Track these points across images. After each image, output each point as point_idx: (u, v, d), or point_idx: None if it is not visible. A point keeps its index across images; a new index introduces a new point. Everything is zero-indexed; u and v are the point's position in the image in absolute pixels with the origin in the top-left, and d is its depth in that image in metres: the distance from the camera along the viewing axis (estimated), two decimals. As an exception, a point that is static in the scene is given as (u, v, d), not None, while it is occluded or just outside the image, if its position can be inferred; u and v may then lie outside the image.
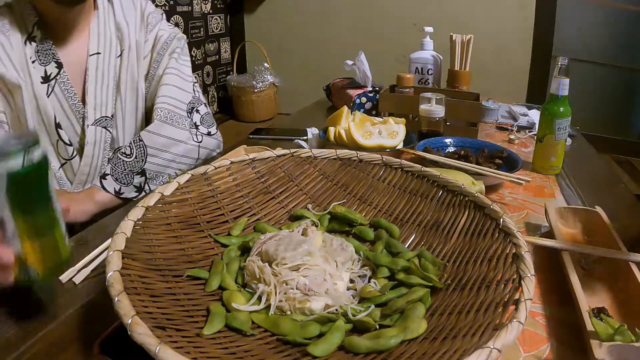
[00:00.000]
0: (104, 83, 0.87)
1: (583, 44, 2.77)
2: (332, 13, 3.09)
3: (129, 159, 0.84)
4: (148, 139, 0.85)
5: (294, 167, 0.66)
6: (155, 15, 0.94)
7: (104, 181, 0.82)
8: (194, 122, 0.92)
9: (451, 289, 0.47)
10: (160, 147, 0.86)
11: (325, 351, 0.40)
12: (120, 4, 0.89)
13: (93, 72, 0.85)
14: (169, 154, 0.87)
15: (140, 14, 0.92)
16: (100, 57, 0.86)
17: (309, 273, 0.47)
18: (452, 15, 2.74)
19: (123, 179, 0.83)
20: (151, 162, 0.85)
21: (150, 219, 0.50)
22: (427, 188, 0.61)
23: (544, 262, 0.60)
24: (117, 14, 0.88)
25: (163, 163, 0.87)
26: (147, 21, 0.92)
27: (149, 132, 0.86)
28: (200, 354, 0.37)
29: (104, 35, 0.86)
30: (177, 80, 0.92)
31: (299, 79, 3.21)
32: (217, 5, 3.23)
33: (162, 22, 0.94)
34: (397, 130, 0.92)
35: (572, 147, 1.10)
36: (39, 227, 0.41)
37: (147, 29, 0.92)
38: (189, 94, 0.93)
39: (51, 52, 0.81)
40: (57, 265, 0.43)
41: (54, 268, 0.43)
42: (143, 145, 0.85)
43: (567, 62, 0.85)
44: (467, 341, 0.37)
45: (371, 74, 1.30)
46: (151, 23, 0.92)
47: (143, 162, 0.84)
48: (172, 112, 0.89)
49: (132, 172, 0.83)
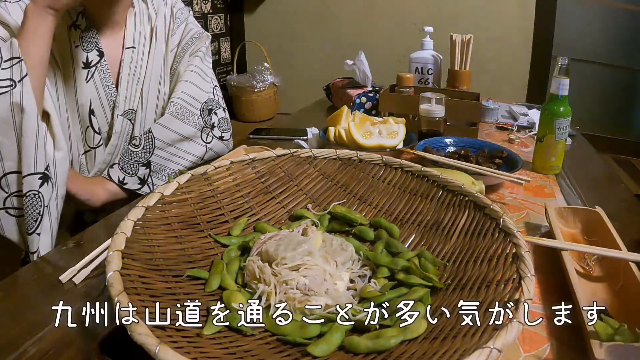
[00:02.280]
0: (135, 76, 0.90)
1: (583, 44, 2.77)
2: (332, 13, 3.09)
3: (137, 149, 0.86)
4: (157, 132, 0.87)
5: (294, 167, 0.66)
6: (184, 11, 0.97)
7: (111, 170, 0.84)
8: (211, 122, 0.94)
9: (451, 289, 0.47)
10: (168, 141, 0.88)
11: (325, 351, 0.40)
12: (152, 1, 0.94)
13: (127, 65, 0.88)
14: (174, 149, 0.89)
15: (170, 9, 0.95)
16: (134, 51, 0.90)
17: (309, 273, 0.47)
18: (452, 15, 2.74)
19: (128, 168, 0.84)
20: (157, 154, 0.87)
21: (150, 219, 0.50)
22: (427, 188, 0.61)
23: (544, 262, 0.60)
24: (150, 11, 0.93)
25: (168, 157, 0.88)
26: (175, 16, 0.95)
27: (159, 125, 0.87)
28: (200, 354, 0.37)
29: (139, 31, 0.90)
30: (197, 78, 0.94)
31: (299, 79, 3.21)
32: (217, 5, 3.23)
33: (189, 17, 0.98)
34: (397, 130, 0.92)
35: (572, 147, 1.10)
36: None
37: (175, 24, 0.95)
38: (206, 93, 0.94)
39: (94, 40, 0.84)
40: None
41: None
42: (152, 137, 0.87)
43: (567, 62, 0.85)
44: (467, 341, 0.37)
45: (371, 74, 1.30)
46: (179, 18, 0.96)
47: (150, 154, 0.86)
48: (184, 108, 0.90)
49: (137, 162, 0.85)
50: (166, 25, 0.94)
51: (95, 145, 0.87)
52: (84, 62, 0.84)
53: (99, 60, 0.85)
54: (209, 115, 0.93)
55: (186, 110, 0.90)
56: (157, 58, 0.92)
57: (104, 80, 0.86)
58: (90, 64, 0.84)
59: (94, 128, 0.86)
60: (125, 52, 0.88)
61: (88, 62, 0.84)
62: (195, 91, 0.92)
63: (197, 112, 0.91)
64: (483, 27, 2.64)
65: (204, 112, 0.93)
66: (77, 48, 0.83)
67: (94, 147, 0.87)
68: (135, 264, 0.44)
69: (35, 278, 0.58)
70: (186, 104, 0.90)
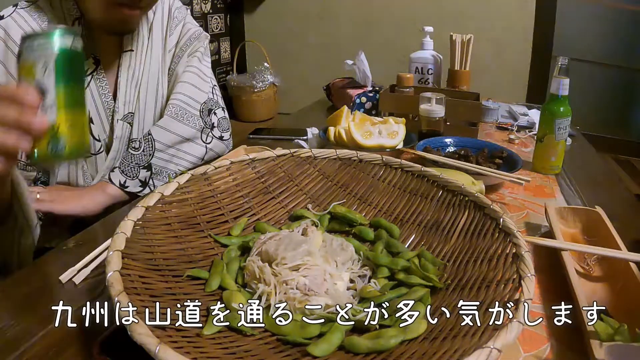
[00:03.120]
0: (133, 79, 0.88)
1: (583, 44, 2.77)
2: (332, 13, 3.09)
3: (137, 152, 0.85)
4: (157, 134, 0.86)
5: (294, 167, 0.66)
6: (181, 10, 0.95)
7: (112, 173, 0.83)
8: (210, 123, 0.93)
9: (451, 289, 0.47)
10: (168, 143, 0.87)
11: (325, 351, 0.40)
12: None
13: (125, 70, 0.87)
14: (174, 150, 0.88)
15: (168, 8, 0.94)
16: (132, 54, 0.88)
17: (309, 273, 0.47)
18: (452, 15, 2.74)
19: (129, 171, 0.84)
20: (158, 157, 0.86)
21: (150, 219, 0.50)
22: (427, 188, 0.61)
23: (544, 262, 0.60)
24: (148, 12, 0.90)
25: (168, 158, 0.88)
26: (173, 15, 0.93)
27: (158, 127, 0.87)
28: (200, 354, 0.37)
29: (136, 32, 0.88)
30: (196, 79, 0.93)
31: (299, 79, 3.21)
32: (217, 5, 3.23)
33: (187, 17, 0.96)
34: (397, 130, 0.92)
35: (572, 147, 1.10)
36: (75, 99, 0.47)
37: (173, 23, 0.93)
38: (205, 94, 0.94)
39: (90, 48, 0.83)
40: (81, 145, 0.48)
41: (80, 146, 0.47)
42: (152, 139, 0.86)
43: (567, 62, 0.85)
44: (467, 341, 0.37)
45: (371, 74, 1.30)
46: (177, 18, 0.94)
47: (150, 157, 0.85)
48: (183, 110, 0.89)
49: (138, 165, 0.84)
50: (164, 25, 0.93)
51: (95, 152, 0.87)
52: None
53: (94, 69, 0.83)
54: (209, 115, 0.93)
55: (185, 112, 0.89)
56: (155, 59, 0.91)
57: (100, 88, 0.84)
58: (86, 72, 0.82)
59: (93, 135, 0.85)
60: (123, 57, 0.87)
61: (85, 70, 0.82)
62: (194, 92, 0.92)
63: (196, 113, 0.91)
64: (483, 27, 2.64)
65: (203, 112, 0.92)
66: None
67: (94, 153, 0.87)
68: (135, 264, 0.44)
69: (35, 278, 0.58)
70: (185, 105, 0.90)
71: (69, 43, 0.46)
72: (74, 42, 0.47)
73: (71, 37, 0.47)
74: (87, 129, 0.48)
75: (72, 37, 0.47)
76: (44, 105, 0.45)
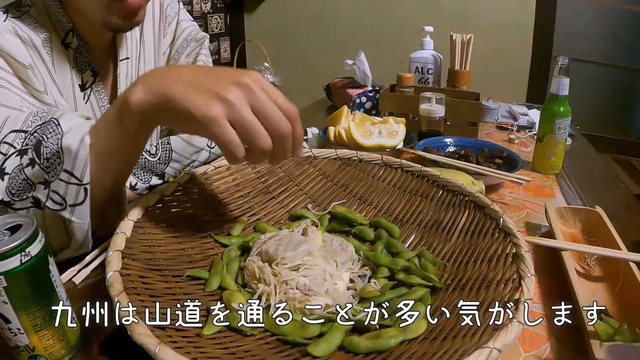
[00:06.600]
0: None
1: (583, 44, 2.77)
2: (332, 13, 3.09)
3: (153, 159, 0.82)
4: (176, 144, 0.83)
5: (294, 167, 0.66)
6: (173, 6, 0.90)
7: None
8: None
9: (451, 289, 0.47)
10: (185, 155, 0.84)
11: (325, 351, 0.40)
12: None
13: (124, 79, 0.84)
14: (188, 161, 0.85)
15: (159, 7, 0.88)
16: (129, 62, 0.85)
17: (309, 273, 0.47)
18: (452, 15, 2.74)
19: (142, 175, 0.81)
20: (172, 166, 0.84)
21: (150, 219, 0.50)
22: (427, 188, 0.61)
23: (544, 262, 0.60)
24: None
25: (180, 168, 0.85)
26: (165, 14, 0.88)
27: (179, 139, 0.84)
28: (200, 354, 0.37)
29: (131, 39, 0.85)
30: None
31: (298, 79, 3.20)
32: (217, 5, 3.23)
33: (180, 12, 0.90)
34: (397, 130, 0.92)
35: (572, 147, 1.10)
36: (44, 320, 0.40)
37: (165, 22, 0.88)
38: None
39: (87, 60, 0.79)
40: (67, 351, 0.43)
41: (64, 355, 0.43)
42: (169, 149, 0.83)
43: (567, 62, 0.85)
44: (467, 341, 0.37)
45: (371, 74, 1.30)
46: (169, 15, 0.88)
47: (165, 166, 0.82)
48: None
49: (152, 172, 0.82)
50: (155, 26, 0.88)
51: None
52: (80, 84, 0.79)
53: (93, 81, 0.80)
54: None
55: None
56: (149, 64, 0.87)
57: (99, 100, 0.82)
58: (85, 85, 0.79)
59: None
60: (120, 65, 0.83)
61: (84, 83, 0.79)
62: None
63: None
64: (483, 27, 2.64)
65: None
66: (72, 70, 0.77)
67: None
68: (135, 264, 0.44)
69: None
70: None
71: (17, 263, 0.37)
72: (23, 254, 0.37)
73: (18, 257, 0.37)
74: (72, 330, 0.42)
75: (18, 255, 0.37)
76: (12, 331, 0.39)
